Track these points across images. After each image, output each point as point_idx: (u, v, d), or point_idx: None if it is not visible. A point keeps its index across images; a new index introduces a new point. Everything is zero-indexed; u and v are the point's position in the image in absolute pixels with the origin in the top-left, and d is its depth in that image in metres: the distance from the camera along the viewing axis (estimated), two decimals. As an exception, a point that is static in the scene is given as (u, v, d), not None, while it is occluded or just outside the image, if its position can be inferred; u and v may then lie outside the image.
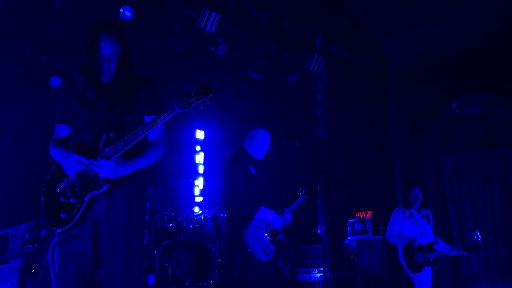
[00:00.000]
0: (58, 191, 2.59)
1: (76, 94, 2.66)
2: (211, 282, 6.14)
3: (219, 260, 6.44)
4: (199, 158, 9.39)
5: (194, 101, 2.39)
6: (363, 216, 7.90)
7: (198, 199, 8.77)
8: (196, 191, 9.09)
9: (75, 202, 2.53)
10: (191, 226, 6.54)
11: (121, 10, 5.98)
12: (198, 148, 9.42)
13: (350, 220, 7.93)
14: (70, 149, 2.62)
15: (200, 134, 9.48)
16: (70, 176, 2.57)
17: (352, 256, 7.56)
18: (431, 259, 5.25)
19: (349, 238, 7.79)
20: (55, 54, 6.81)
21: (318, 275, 7.42)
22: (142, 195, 2.68)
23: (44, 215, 2.61)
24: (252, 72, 7.81)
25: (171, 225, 6.53)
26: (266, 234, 4.21)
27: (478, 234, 5.31)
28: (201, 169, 9.34)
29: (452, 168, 8.42)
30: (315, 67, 8.03)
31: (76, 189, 2.53)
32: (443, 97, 8.29)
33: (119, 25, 2.67)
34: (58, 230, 2.55)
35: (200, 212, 7.01)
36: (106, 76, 2.66)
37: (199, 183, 9.19)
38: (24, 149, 6.68)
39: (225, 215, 6.79)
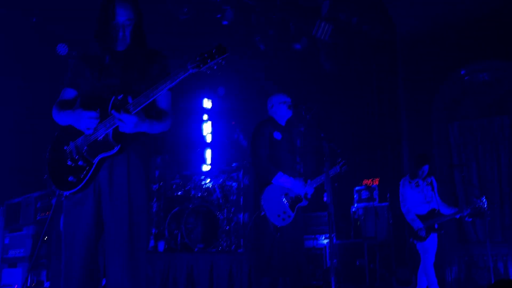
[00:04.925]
0: (64, 155, 2.60)
1: (91, 62, 2.68)
2: (219, 248, 6.26)
3: (227, 228, 6.55)
4: (207, 127, 9.41)
5: (208, 61, 2.36)
6: (369, 183, 7.95)
7: (206, 167, 8.83)
8: (205, 160, 9.14)
9: (83, 165, 2.54)
10: (199, 194, 6.63)
11: None
12: (205, 117, 9.42)
13: (356, 188, 7.99)
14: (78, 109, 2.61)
15: (207, 103, 9.47)
16: (77, 139, 2.58)
17: (358, 223, 7.65)
18: (435, 226, 5.32)
19: (355, 205, 7.86)
20: (61, 24, 6.77)
21: (325, 241, 7.54)
22: (145, 162, 2.68)
23: (50, 178, 2.61)
24: (259, 40, 7.74)
25: (180, 193, 6.62)
26: (284, 200, 4.23)
27: (484, 201, 5.36)
28: (208, 138, 9.37)
29: (459, 135, 8.39)
30: (323, 34, 7.94)
31: (84, 152, 2.54)
32: (452, 64, 8.19)
33: None
34: (65, 193, 2.56)
35: (209, 180, 7.08)
36: (121, 44, 2.69)
37: (207, 152, 9.24)
38: (33, 118, 6.73)
39: (232, 183, 6.89)
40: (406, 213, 5.53)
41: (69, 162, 2.57)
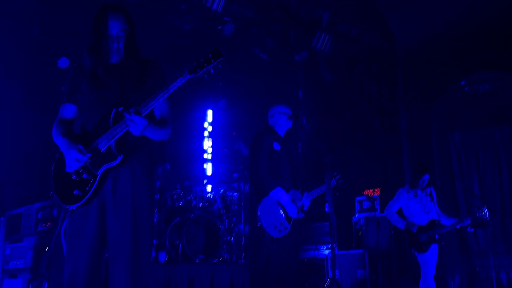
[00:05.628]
0: (68, 170, 2.60)
1: (85, 75, 2.69)
2: (220, 259, 6.24)
3: (228, 238, 6.53)
4: (207, 138, 9.42)
5: (205, 65, 2.40)
6: (371, 193, 7.95)
7: (207, 178, 8.82)
8: (206, 170, 9.14)
9: (87, 177, 2.55)
10: (200, 204, 6.62)
11: None
12: (206, 128, 9.44)
13: (358, 198, 7.99)
14: (73, 138, 2.62)
15: (208, 114, 9.50)
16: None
17: (360, 233, 7.63)
18: (436, 236, 5.31)
19: (357, 215, 7.85)
20: (64, 36, 6.82)
21: (326, 251, 7.51)
22: (149, 173, 2.69)
23: (55, 194, 2.63)
24: (259, 51, 7.79)
25: (181, 203, 6.61)
26: (281, 211, 4.21)
27: (486, 211, 5.35)
28: (209, 149, 9.38)
29: (460, 145, 8.40)
30: (323, 46, 7.99)
31: (88, 165, 2.56)
32: (452, 74, 8.21)
33: (124, 6, 2.72)
34: (71, 207, 2.57)
35: (209, 191, 7.08)
36: (115, 56, 2.71)
37: (208, 162, 9.24)
38: (35, 129, 6.75)
39: (233, 194, 6.89)
40: (388, 215, 5.56)
41: (73, 176, 2.59)
